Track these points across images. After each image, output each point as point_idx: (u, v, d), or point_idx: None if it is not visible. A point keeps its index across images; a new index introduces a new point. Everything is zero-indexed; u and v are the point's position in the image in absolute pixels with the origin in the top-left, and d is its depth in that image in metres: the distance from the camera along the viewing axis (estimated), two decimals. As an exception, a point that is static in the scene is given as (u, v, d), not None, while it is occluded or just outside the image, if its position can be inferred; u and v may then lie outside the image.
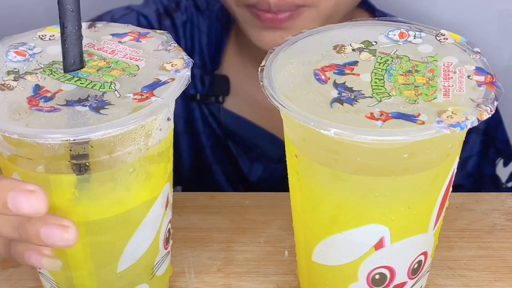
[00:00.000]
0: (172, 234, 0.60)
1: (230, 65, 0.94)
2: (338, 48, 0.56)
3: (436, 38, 0.57)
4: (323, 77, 0.53)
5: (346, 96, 0.51)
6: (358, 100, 0.51)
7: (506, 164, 0.94)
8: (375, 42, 0.56)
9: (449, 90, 0.52)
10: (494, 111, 0.50)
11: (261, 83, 0.53)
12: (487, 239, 0.67)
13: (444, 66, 0.54)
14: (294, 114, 0.50)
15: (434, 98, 0.51)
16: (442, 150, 0.51)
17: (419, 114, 0.49)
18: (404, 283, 0.56)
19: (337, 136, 0.48)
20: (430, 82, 0.52)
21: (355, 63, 0.54)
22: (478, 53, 0.55)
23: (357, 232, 0.53)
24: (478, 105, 0.50)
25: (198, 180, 0.95)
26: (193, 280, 0.64)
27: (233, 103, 0.93)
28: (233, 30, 0.94)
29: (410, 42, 0.56)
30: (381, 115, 0.49)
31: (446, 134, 0.48)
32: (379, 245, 0.54)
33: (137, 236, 0.55)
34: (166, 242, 0.59)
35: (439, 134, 0.48)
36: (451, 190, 0.56)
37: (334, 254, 0.55)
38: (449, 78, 0.53)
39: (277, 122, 0.90)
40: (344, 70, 0.54)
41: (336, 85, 0.52)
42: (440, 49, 0.55)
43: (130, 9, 0.94)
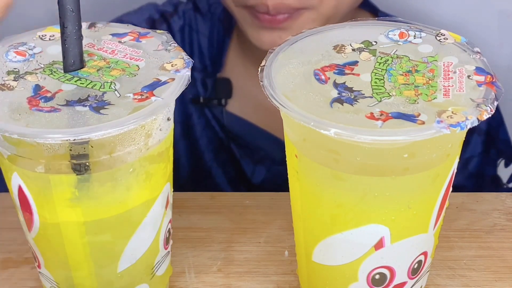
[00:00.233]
0: (172, 234, 0.60)
1: (232, 67, 0.94)
2: (338, 48, 0.56)
3: (436, 38, 0.57)
4: (323, 77, 0.53)
5: (346, 96, 0.51)
6: (358, 100, 0.51)
7: (507, 164, 0.94)
8: (375, 42, 0.56)
9: (449, 90, 0.52)
10: (494, 111, 0.50)
11: (261, 83, 0.53)
12: (487, 239, 0.67)
13: (444, 66, 0.54)
14: (294, 114, 0.50)
15: (434, 98, 0.51)
16: (442, 150, 0.51)
17: (419, 114, 0.49)
18: (404, 283, 0.56)
19: (337, 136, 0.48)
20: (430, 82, 0.52)
21: (355, 63, 0.54)
22: (478, 53, 0.55)
23: (357, 232, 0.53)
24: (478, 105, 0.50)
25: (197, 184, 0.95)
26: (193, 280, 0.64)
27: (235, 106, 0.93)
28: (235, 32, 0.94)
29: (410, 42, 0.56)
30: (381, 115, 0.49)
31: (446, 134, 0.48)
32: (379, 245, 0.54)
33: (137, 236, 0.55)
34: (166, 242, 0.59)
35: (439, 134, 0.48)
36: (452, 190, 0.56)
37: (334, 254, 0.55)
38: (449, 78, 0.53)
39: (279, 124, 0.90)
40: (344, 70, 0.54)
41: (336, 85, 0.52)
42: (440, 49, 0.55)
43: (119, 20, 0.94)
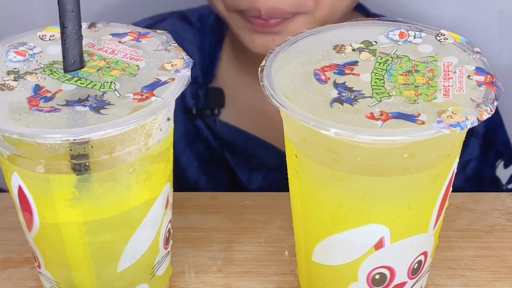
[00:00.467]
0: (172, 234, 0.60)
1: (224, 77, 0.93)
2: (338, 48, 0.56)
3: (436, 38, 0.57)
4: (323, 77, 0.53)
5: (346, 96, 0.51)
6: (358, 100, 0.51)
7: (506, 166, 0.94)
8: (375, 42, 0.56)
9: (449, 90, 0.52)
10: (494, 111, 0.50)
11: (261, 83, 0.53)
12: (487, 239, 0.67)
13: (444, 66, 0.54)
14: (294, 114, 0.50)
15: (434, 98, 0.51)
16: (442, 150, 0.51)
17: (419, 114, 0.49)
18: (404, 283, 0.56)
19: (337, 136, 0.48)
20: (430, 82, 0.52)
21: (355, 63, 0.54)
22: (478, 53, 0.55)
23: (357, 232, 0.53)
24: (478, 105, 0.50)
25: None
26: (193, 280, 0.64)
27: (228, 115, 0.92)
28: (226, 41, 0.93)
29: (410, 42, 0.56)
30: (381, 115, 0.49)
31: (446, 134, 0.48)
32: (379, 245, 0.54)
33: (137, 236, 0.55)
34: (166, 242, 0.59)
35: (439, 134, 0.48)
36: (451, 191, 0.56)
37: (334, 254, 0.55)
38: (449, 78, 0.53)
39: (274, 132, 0.89)
40: (344, 70, 0.54)
41: (336, 85, 0.52)
42: (440, 49, 0.55)
43: None
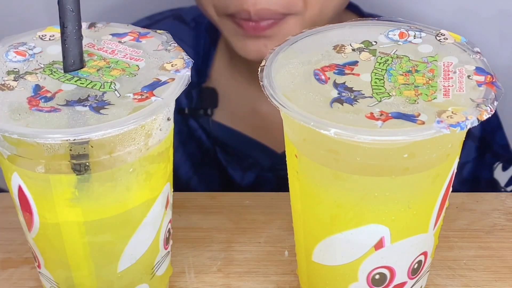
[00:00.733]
0: (172, 234, 0.60)
1: (218, 77, 0.93)
2: (338, 48, 0.56)
3: (436, 38, 0.57)
4: (323, 77, 0.53)
5: (346, 96, 0.51)
6: (358, 100, 0.51)
7: (505, 168, 0.94)
8: (375, 42, 0.56)
9: (449, 90, 0.52)
10: (494, 111, 0.50)
11: (261, 83, 0.53)
12: (487, 239, 0.67)
13: (444, 66, 0.54)
14: (294, 114, 0.50)
15: (434, 98, 0.51)
16: (442, 150, 0.51)
17: (419, 114, 0.49)
18: (404, 283, 0.56)
19: (337, 136, 0.48)
20: (430, 82, 0.52)
21: (355, 63, 0.54)
22: (478, 53, 0.55)
23: (357, 232, 0.53)
24: (478, 105, 0.50)
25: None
26: (193, 280, 0.64)
27: (222, 115, 0.92)
28: (221, 42, 0.93)
29: (410, 42, 0.56)
30: (381, 115, 0.49)
31: (446, 134, 0.48)
32: (379, 245, 0.54)
33: (137, 236, 0.55)
34: (166, 242, 0.59)
35: (439, 134, 0.48)
36: (451, 191, 0.56)
37: (334, 254, 0.55)
38: (449, 78, 0.53)
39: (267, 132, 0.89)
40: (344, 70, 0.54)
41: (336, 85, 0.52)
42: (440, 49, 0.55)
43: None
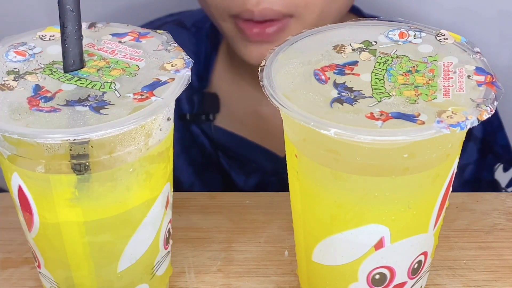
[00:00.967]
0: (172, 234, 0.60)
1: (220, 82, 0.93)
2: (338, 48, 0.56)
3: (436, 38, 0.57)
4: (323, 77, 0.53)
5: (346, 96, 0.51)
6: (358, 100, 0.51)
7: (506, 169, 0.93)
8: (375, 42, 0.56)
9: (449, 90, 0.52)
10: (494, 111, 0.50)
11: (261, 83, 0.53)
12: (487, 239, 0.67)
13: (444, 66, 0.54)
14: (294, 114, 0.50)
15: (434, 98, 0.51)
16: (442, 150, 0.51)
17: (419, 114, 0.49)
18: (404, 283, 0.56)
19: (337, 136, 0.48)
20: (430, 82, 0.52)
21: (355, 63, 0.54)
22: (478, 53, 0.55)
23: (357, 232, 0.53)
24: (478, 105, 0.50)
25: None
26: (193, 280, 0.64)
27: (223, 120, 0.92)
28: (222, 46, 0.93)
29: (410, 42, 0.56)
30: (381, 115, 0.49)
31: (446, 134, 0.48)
32: (379, 245, 0.54)
33: (137, 236, 0.55)
34: (166, 242, 0.59)
35: (439, 134, 0.48)
36: (451, 191, 0.56)
37: (334, 254, 0.55)
38: (449, 78, 0.53)
39: (269, 136, 0.89)
40: (344, 70, 0.54)
41: (336, 85, 0.52)
42: (440, 49, 0.55)
43: None
